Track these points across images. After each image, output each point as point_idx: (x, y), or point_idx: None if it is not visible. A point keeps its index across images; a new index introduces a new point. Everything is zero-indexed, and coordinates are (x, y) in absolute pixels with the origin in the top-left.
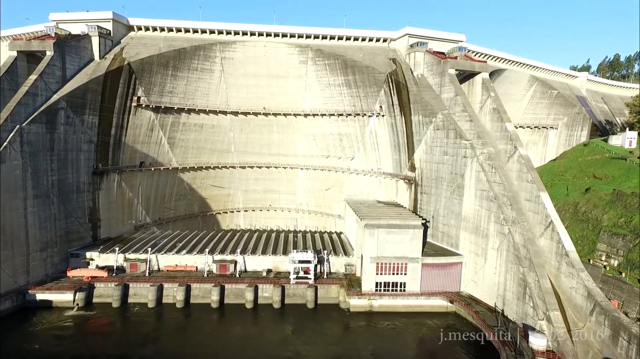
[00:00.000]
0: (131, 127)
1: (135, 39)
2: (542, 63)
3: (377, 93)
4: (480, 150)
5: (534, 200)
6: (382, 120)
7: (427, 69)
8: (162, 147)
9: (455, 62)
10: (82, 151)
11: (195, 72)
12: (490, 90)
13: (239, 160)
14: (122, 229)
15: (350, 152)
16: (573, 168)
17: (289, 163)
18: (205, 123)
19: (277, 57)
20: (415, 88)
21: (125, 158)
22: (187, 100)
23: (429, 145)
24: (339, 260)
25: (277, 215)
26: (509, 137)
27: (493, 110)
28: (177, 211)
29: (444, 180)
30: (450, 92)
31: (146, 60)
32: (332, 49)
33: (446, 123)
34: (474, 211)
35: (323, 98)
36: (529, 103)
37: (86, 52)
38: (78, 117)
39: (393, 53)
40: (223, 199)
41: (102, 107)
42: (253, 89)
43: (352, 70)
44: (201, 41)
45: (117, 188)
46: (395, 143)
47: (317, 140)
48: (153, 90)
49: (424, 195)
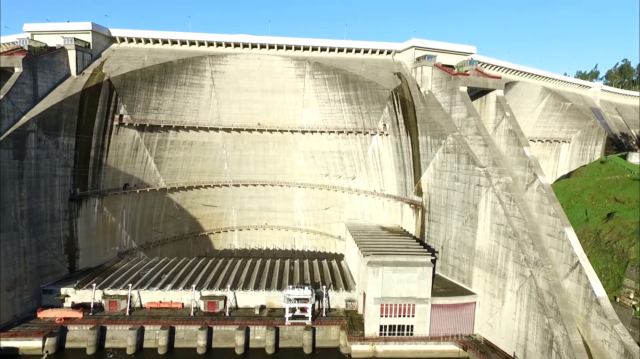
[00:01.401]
0: (113, 147)
1: (117, 52)
2: (554, 74)
3: (381, 110)
4: (496, 178)
5: (557, 236)
6: (386, 139)
7: (436, 85)
8: (149, 167)
9: (467, 78)
10: (57, 176)
11: (183, 87)
12: (506, 110)
13: (233, 178)
14: (104, 257)
15: (351, 171)
16: (591, 189)
17: (286, 181)
18: (195, 141)
19: (272, 70)
20: (423, 106)
21: (107, 181)
22: (175, 117)
23: (437, 169)
24: (339, 295)
25: (273, 234)
26: (527, 163)
27: (509, 132)
28: (165, 234)
29: (454, 209)
30: (461, 112)
31: (129, 76)
32: (331, 62)
33: (457, 146)
34: (490, 246)
35: (322, 114)
36: (540, 116)
37: (61, 67)
38: (51, 140)
39: (398, 66)
40: (216, 218)
41: (79, 127)
42: (246, 104)
43: (354, 85)
44: (189, 54)
45: (98, 214)
46: (400, 165)
47: (316, 157)
48: (137, 107)
49: (433, 222)
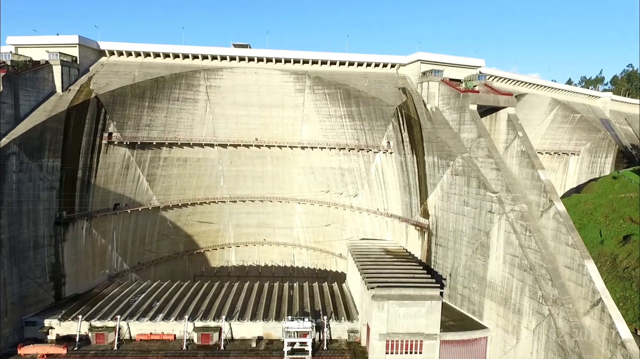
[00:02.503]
0: (102, 166)
1: (106, 66)
2: (563, 85)
3: (385, 127)
4: (510, 206)
5: (576, 268)
6: (390, 157)
7: (443, 102)
8: (140, 186)
9: (477, 96)
10: (41, 200)
11: (176, 103)
12: (518, 129)
13: (229, 194)
14: (93, 282)
15: (353, 188)
16: (604, 206)
17: (285, 197)
18: (189, 157)
19: (270, 84)
20: (430, 125)
21: (96, 202)
22: (168, 133)
23: (445, 191)
24: (341, 326)
25: (272, 249)
26: (542, 187)
27: (522, 153)
28: (159, 253)
29: (464, 235)
30: (471, 132)
31: (118, 92)
32: (332, 76)
33: (467, 169)
34: (503, 278)
35: (322, 130)
36: (549, 127)
37: (46, 84)
38: (34, 162)
39: (402, 81)
40: (212, 235)
41: (65, 147)
42: (243, 119)
43: (356, 101)
44: (183, 68)
45: (86, 237)
46: (405, 184)
47: (316, 173)
48: (127, 124)
49: (440, 247)
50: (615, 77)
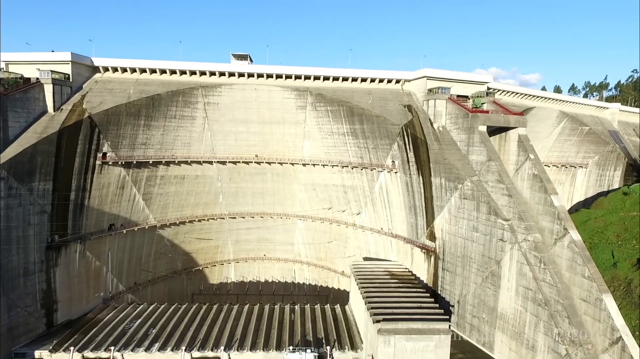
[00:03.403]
0: (96, 187)
1: (100, 83)
2: (571, 97)
3: (389, 146)
4: (522, 235)
5: (593, 303)
6: (395, 176)
7: (451, 121)
8: (137, 205)
9: (487, 116)
10: (32, 225)
11: (173, 120)
12: (530, 151)
13: (229, 210)
14: (87, 306)
15: (356, 206)
16: (615, 225)
17: (286, 213)
18: (187, 174)
19: (271, 101)
20: (437, 145)
21: (90, 224)
22: (165, 151)
23: (453, 214)
24: (344, 355)
25: (272, 265)
26: (556, 214)
27: (534, 176)
28: (156, 272)
29: (473, 261)
30: (480, 154)
31: (112, 111)
32: (335, 93)
33: (476, 193)
34: (515, 311)
35: (325, 147)
36: (556, 140)
37: (37, 103)
38: (24, 186)
39: (408, 98)
40: (211, 251)
41: (56, 169)
42: (243, 136)
43: (360, 118)
44: (179, 85)
45: (79, 260)
46: (410, 205)
47: (318, 190)
48: (122, 143)
49: (448, 273)
50: (620, 84)
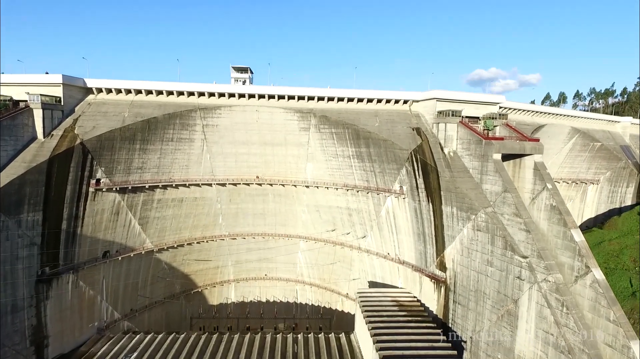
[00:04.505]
0: (89, 215)
1: (93, 106)
2: (582, 112)
3: (397, 171)
4: (542, 275)
5: (619, 349)
6: (403, 202)
7: (462, 147)
8: (132, 230)
9: (502, 144)
10: (20, 259)
11: (170, 143)
12: (547, 181)
13: (229, 231)
14: (80, 338)
15: (362, 229)
16: (631, 249)
17: (288, 233)
18: (185, 197)
19: (273, 122)
20: (448, 173)
21: (83, 253)
22: (162, 174)
23: (465, 245)
24: None
25: (273, 284)
26: (576, 250)
27: (551, 208)
28: (153, 297)
29: (487, 297)
30: (495, 184)
31: (106, 136)
32: (340, 115)
33: (491, 226)
34: (535, 355)
35: (329, 169)
36: (566, 156)
37: (25, 130)
38: (12, 219)
39: (416, 119)
40: (210, 273)
41: (47, 199)
42: (243, 157)
43: (366, 142)
44: (176, 107)
45: (72, 290)
46: (419, 232)
47: (321, 212)
48: (117, 168)
49: (459, 306)
50: (628, 92)
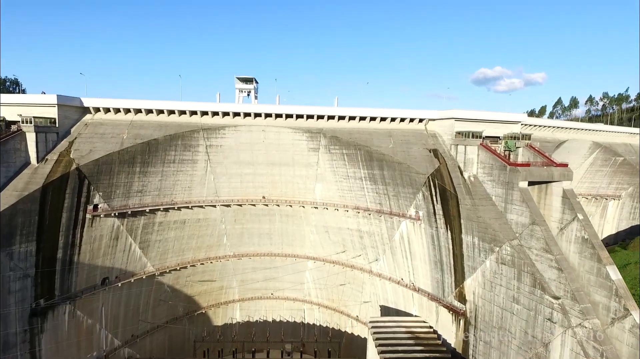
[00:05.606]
0: (87, 242)
1: (90, 126)
2: (603, 125)
3: (413, 195)
4: (577, 319)
5: None
6: (419, 227)
7: (484, 172)
8: (133, 254)
9: (529, 171)
10: (12, 293)
11: (172, 165)
12: (578, 211)
13: (233, 251)
14: None
15: (374, 253)
16: None
17: (295, 253)
18: (188, 219)
19: (280, 143)
20: (469, 200)
21: (81, 281)
22: (164, 197)
23: (487, 278)
24: None
25: (280, 304)
26: (613, 289)
27: (583, 240)
28: (155, 321)
29: (513, 337)
30: (522, 215)
31: (103, 160)
32: (351, 135)
33: (517, 260)
34: None
35: (339, 191)
36: (587, 171)
37: (18, 155)
38: (3, 252)
39: (433, 140)
40: (215, 293)
41: (40, 228)
42: (249, 178)
43: (379, 164)
44: (178, 127)
45: (69, 321)
46: (436, 260)
47: (331, 233)
48: (115, 193)
49: (481, 342)
50: None
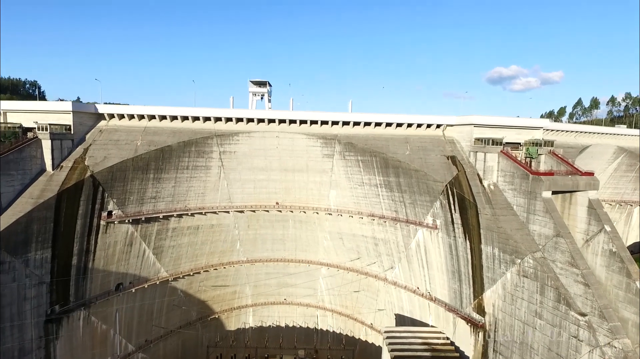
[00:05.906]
0: (101, 248)
1: (105, 133)
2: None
3: (430, 204)
4: (606, 338)
5: None
6: (436, 236)
7: (505, 180)
8: (147, 260)
9: (553, 180)
10: (28, 299)
11: (185, 171)
12: (605, 222)
13: (247, 256)
14: None
15: (389, 261)
16: None
17: (309, 259)
18: (202, 224)
19: (294, 149)
20: (489, 210)
21: (95, 287)
22: (177, 203)
23: (508, 291)
24: None
25: (293, 310)
26: None
27: (611, 253)
28: (169, 326)
29: (535, 353)
30: (545, 226)
31: (118, 167)
32: (367, 142)
33: (540, 273)
34: None
35: (354, 197)
36: (610, 176)
37: (34, 162)
38: (19, 259)
39: (451, 147)
40: (228, 298)
41: (56, 235)
42: (262, 184)
43: (395, 171)
44: (192, 133)
45: (84, 327)
46: (454, 270)
47: (345, 239)
48: (129, 199)
49: (501, 357)
50: None
